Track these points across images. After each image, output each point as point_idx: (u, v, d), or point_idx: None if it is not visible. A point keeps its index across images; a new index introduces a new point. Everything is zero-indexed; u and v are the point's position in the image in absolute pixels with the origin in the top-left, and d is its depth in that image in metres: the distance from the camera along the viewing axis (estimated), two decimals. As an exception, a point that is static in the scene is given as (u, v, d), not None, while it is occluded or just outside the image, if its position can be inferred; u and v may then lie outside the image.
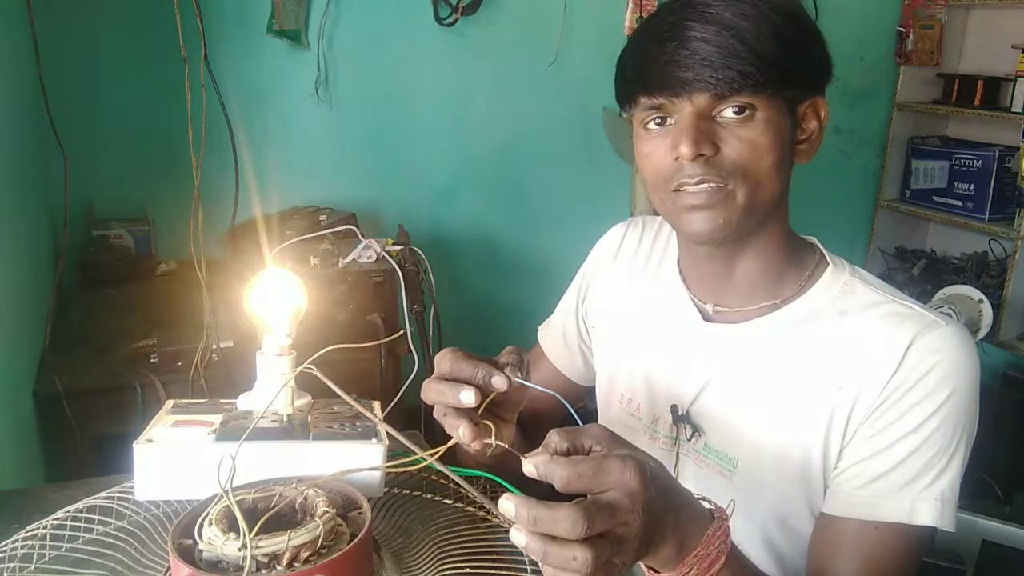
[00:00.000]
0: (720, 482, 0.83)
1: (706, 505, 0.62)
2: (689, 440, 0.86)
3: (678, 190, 0.77)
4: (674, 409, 0.87)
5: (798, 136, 0.80)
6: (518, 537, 0.54)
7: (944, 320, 0.77)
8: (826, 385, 0.78)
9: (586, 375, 1.05)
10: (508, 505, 0.54)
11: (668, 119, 0.77)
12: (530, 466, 0.57)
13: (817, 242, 0.88)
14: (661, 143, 0.77)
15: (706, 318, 0.87)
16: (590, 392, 1.05)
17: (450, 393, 0.66)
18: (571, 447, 0.57)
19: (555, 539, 0.53)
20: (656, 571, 0.60)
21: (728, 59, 0.72)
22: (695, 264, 0.89)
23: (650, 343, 0.92)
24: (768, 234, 0.82)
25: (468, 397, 0.66)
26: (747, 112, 0.74)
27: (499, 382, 0.66)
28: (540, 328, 1.09)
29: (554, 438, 0.58)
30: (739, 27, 0.73)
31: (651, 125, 0.79)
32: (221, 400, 0.81)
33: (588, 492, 0.55)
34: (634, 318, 0.95)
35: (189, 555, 0.60)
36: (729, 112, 0.74)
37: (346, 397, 0.73)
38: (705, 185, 0.76)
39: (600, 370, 1.00)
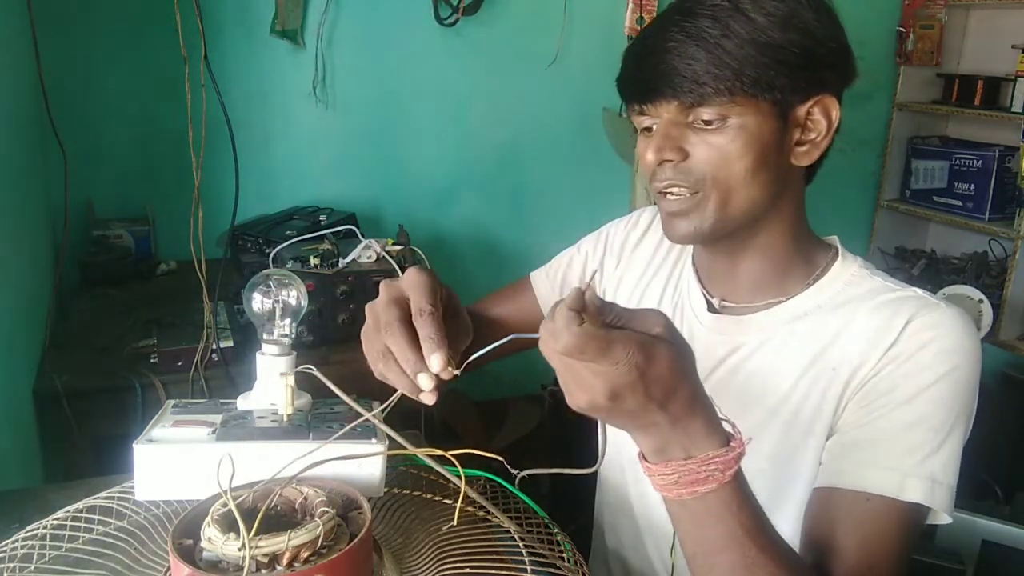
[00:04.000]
0: None
1: (727, 428, 0.62)
2: None
3: (660, 193, 0.81)
4: None
5: (798, 137, 0.79)
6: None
7: (946, 304, 0.78)
8: (823, 369, 0.80)
9: None
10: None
11: (653, 124, 0.80)
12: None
13: (837, 242, 0.89)
14: (645, 146, 0.80)
15: (712, 309, 0.89)
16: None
17: (410, 361, 0.67)
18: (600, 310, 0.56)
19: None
20: (647, 460, 0.61)
21: (687, 69, 0.74)
22: (703, 259, 0.92)
23: None
24: (770, 234, 0.84)
25: (427, 383, 0.67)
26: (717, 119, 0.76)
27: (426, 384, 0.67)
28: (534, 272, 1.10)
29: (596, 301, 0.56)
30: (707, 35, 0.74)
31: (643, 128, 0.82)
32: (221, 400, 0.81)
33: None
34: (647, 305, 0.96)
35: (189, 555, 0.60)
36: (702, 118, 0.76)
37: (345, 398, 0.74)
38: (676, 189, 0.79)
39: None
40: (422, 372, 0.66)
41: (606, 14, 2.59)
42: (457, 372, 0.67)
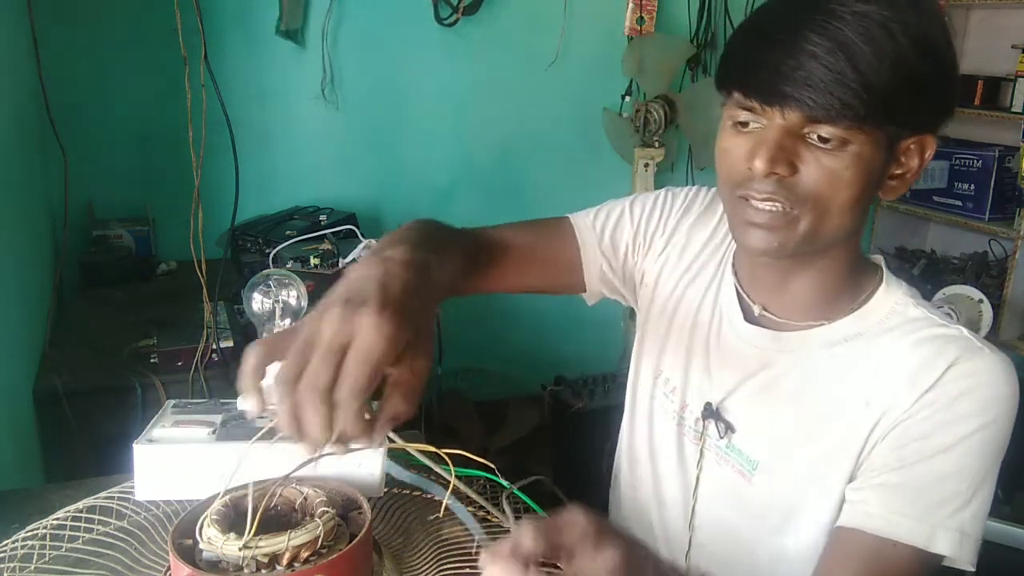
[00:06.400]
0: (738, 482, 0.83)
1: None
2: (719, 437, 0.86)
3: (744, 198, 0.75)
4: (707, 406, 0.86)
5: (892, 171, 0.75)
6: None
7: (990, 348, 0.75)
8: (856, 400, 0.77)
9: (593, 285, 0.97)
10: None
11: (755, 123, 0.73)
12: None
13: (883, 263, 0.85)
14: (742, 145, 0.74)
15: (750, 320, 0.86)
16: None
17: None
18: (548, 548, 0.49)
19: None
20: None
21: (833, 85, 0.67)
22: (751, 267, 0.87)
23: (695, 333, 0.91)
24: (831, 259, 0.80)
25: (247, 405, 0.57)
26: (838, 141, 0.70)
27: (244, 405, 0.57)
28: (574, 215, 0.98)
29: (527, 541, 0.48)
30: (856, 50, 0.67)
31: (738, 122, 0.74)
32: (221, 400, 0.81)
33: None
34: (688, 302, 0.92)
35: (189, 555, 0.60)
36: (822, 135, 0.70)
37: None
38: (770, 204, 0.73)
39: (648, 337, 0.97)
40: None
41: (606, 14, 2.59)
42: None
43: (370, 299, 0.55)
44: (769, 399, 0.83)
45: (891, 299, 0.81)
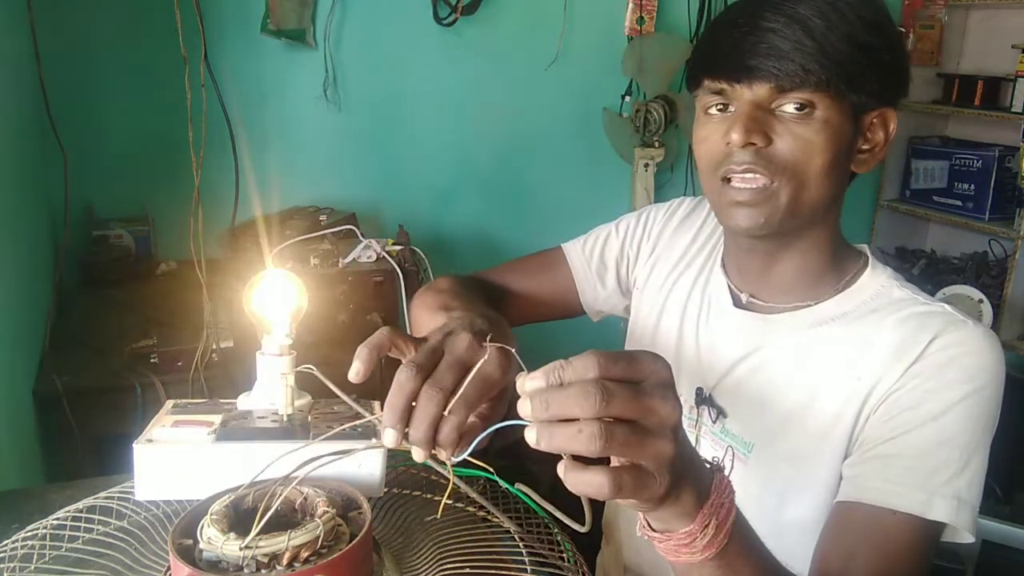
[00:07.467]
0: (735, 465, 0.84)
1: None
2: (712, 422, 0.88)
3: (726, 179, 0.79)
4: (699, 392, 0.89)
5: (860, 145, 0.80)
6: (529, 434, 0.48)
7: (973, 321, 0.78)
8: (846, 377, 0.79)
9: (592, 306, 1.06)
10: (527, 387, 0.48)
11: (728, 106, 0.78)
12: (536, 382, 0.48)
13: (867, 250, 0.88)
14: (717, 128, 0.79)
15: (738, 305, 0.89)
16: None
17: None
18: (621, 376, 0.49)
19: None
20: (664, 532, 0.54)
21: (793, 52, 0.73)
22: (736, 256, 0.90)
23: (684, 323, 0.94)
24: (813, 237, 0.83)
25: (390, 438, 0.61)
26: (806, 109, 0.75)
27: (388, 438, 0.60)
28: (567, 245, 1.06)
29: (605, 362, 0.48)
30: (811, 23, 0.73)
31: (712, 110, 0.80)
32: (221, 400, 0.81)
33: (622, 378, 0.48)
34: (677, 295, 0.96)
35: (189, 555, 0.60)
36: (788, 107, 0.75)
37: (345, 398, 0.73)
38: (752, 176, 0.77)
39: (637, 332, 1.02)
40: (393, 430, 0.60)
41: (606, 14, 2.59)
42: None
43: (494, 336, 0.64)
44: (759, 381, 0.85)
45: (876, 281, 0.84)
